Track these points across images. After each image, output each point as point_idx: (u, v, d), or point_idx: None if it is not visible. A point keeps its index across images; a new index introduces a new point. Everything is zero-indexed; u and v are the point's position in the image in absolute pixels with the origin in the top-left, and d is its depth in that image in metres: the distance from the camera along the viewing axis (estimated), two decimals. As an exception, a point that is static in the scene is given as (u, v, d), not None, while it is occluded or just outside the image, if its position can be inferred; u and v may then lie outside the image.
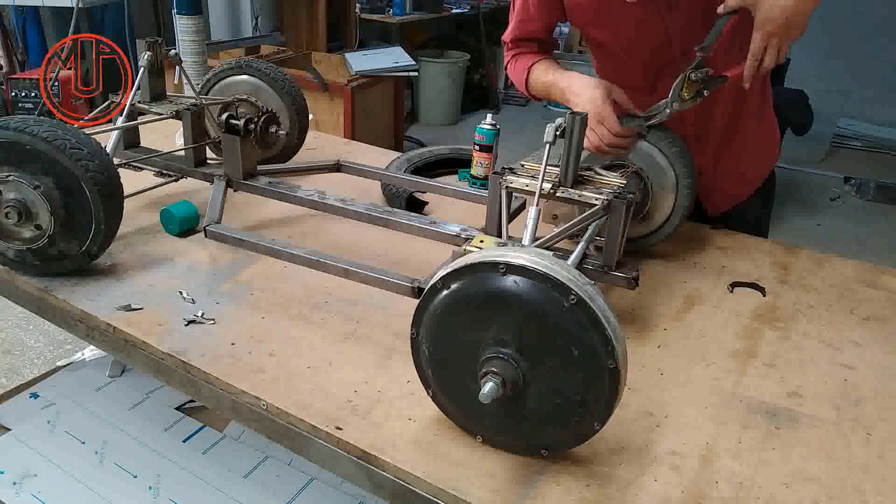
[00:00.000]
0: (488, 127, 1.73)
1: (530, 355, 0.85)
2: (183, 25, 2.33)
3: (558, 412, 0.87)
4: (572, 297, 0.81)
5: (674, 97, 1.29)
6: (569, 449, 0.93)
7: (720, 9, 1.26)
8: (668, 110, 1.30)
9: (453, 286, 0.88)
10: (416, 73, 4.52)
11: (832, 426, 1.04)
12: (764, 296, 1.38)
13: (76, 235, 1.23)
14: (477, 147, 1.75)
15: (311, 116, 1.82)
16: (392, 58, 4.45)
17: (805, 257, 1.53)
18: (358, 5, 5.33)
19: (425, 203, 1.72)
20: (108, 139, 1.45)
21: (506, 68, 1.66)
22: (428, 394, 0.97)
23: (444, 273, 0.89)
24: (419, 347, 0.95)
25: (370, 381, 1.08)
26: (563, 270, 0.83)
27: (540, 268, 0.83)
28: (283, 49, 4.30)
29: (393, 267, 1.29)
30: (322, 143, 2.11)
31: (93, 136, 1.24)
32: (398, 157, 1.90)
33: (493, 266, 0.85)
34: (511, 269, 0.84)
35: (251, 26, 4.11)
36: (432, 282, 0.90)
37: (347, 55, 4.35)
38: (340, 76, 4.13)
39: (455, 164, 1.92)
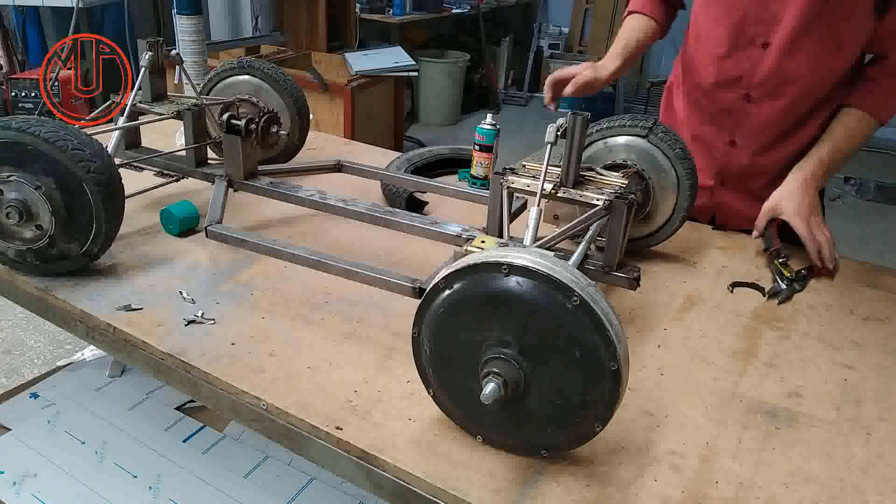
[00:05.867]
0: (488, 127, 1.73)
1: (532, 356, 0.85)
2: (183, 25, 2.32)
3: (559, 413, 0.87)
4: (575, 298, 0.81)
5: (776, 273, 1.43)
6: (569, 450, 0.93)
7: (753, 235, 1.47)
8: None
9: (455, 286, 0.88)
10: (416, 73, 4.52)
11: (832, 426, 1.04)
12: (764, 296, 1.38)
13: (77, 236, 1.23)
14: (477, 147, 1.75)
15: (311, 116, 1.82)
16: (392, 58, 4.45)
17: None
18: (358, 5, 5.34)
19: (425, 203, 1.72)
20: (109, 139, 1.45)
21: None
22: (429, 393, 0.97)
23: (447, 273, 0.89)
24: (420, 347, 0.95)
25: (370, 381, 1.08)
26: (565, 272, 0.83)
27: (542, 269, 0.83)
28: (283, 49, 4.30)
29: (393, 267, 1.29)
30: (322, 143, 2.11)
31: (94, 137, 1.24)
32: (398, 157, 1.90)
33: (495, 266, 0.85)
34: (514, 269, 0.84)
35: (251, 26, 4.11)
36: (434, 281, 0.90)
37: (347, 55, 4.35)
38: (340, 76, 4.13)
39: (455, 164, 1.91)
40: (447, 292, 0.89)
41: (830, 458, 0.98)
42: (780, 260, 1.43)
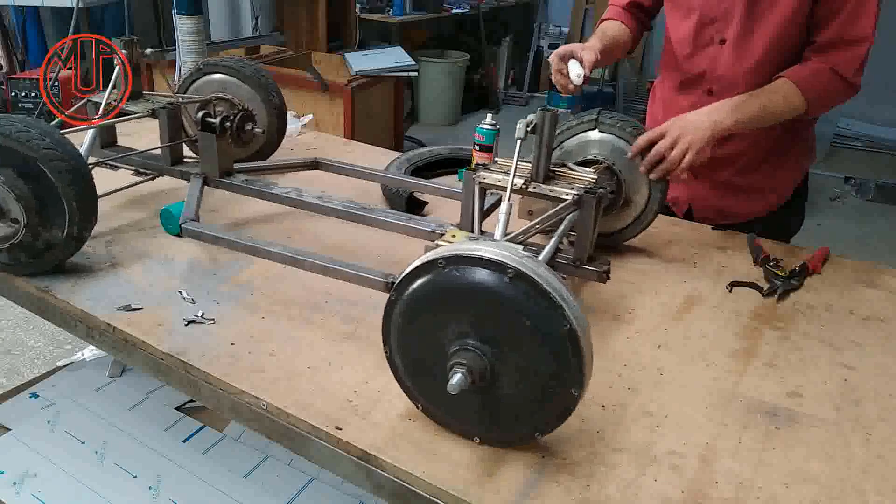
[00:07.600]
0: (488, 127, 1.73)
1: (491, 341, 0.86)
2: (183, 25, 2.33)
3: (535, 389, 0.87)
4: (510, 270, 0.83)
5: None
6: (559, 425, 0.91)
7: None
8: None
9: (405, 294, 0.89)
10: (416, 73, 4.51)
11: (832, 426, 1.04)
12: (763, 294, 1.38)
13: (54, 220, 1.22)
14: (477, 147, 1.75)
15: (311, 116, 1.81)
16: (392, 58, 4.44)
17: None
18: (358, 5, 5.34)
19: (425, 203, 1.72)
20: (84, 138, 1.45)
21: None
22: (418, 408, 0.98)
23: (397, 282, 0.91)
24: (395, 363, 0.95)
25: (370, 381, 1.08)
26: (499, 250, 0.84)
27: (473, 253, 0.84)
28: (283, 49, 4.30)
29: (393, 267, 1.28)
30: (322, 143, 2.11)
31: (41, 120, 1.22)
32: (398, 157, 1.90)
33: (432, 265, 0.86)
34: (449, 261, 0.85)
35: (251, 26, 4.11)
36: (388, 296, 0.91)
37: (347, 55, 4.35)
38: (340, 76, 4.13)
39: (455, 164, 1.92)
40: (401, 301, 0.90)
41: (830, 458, 0.98)
42: (771, 264, 1.46)
